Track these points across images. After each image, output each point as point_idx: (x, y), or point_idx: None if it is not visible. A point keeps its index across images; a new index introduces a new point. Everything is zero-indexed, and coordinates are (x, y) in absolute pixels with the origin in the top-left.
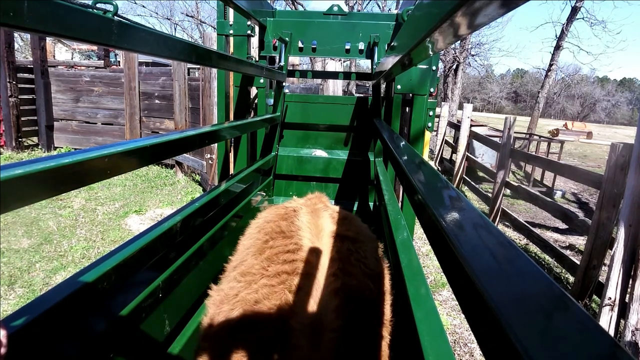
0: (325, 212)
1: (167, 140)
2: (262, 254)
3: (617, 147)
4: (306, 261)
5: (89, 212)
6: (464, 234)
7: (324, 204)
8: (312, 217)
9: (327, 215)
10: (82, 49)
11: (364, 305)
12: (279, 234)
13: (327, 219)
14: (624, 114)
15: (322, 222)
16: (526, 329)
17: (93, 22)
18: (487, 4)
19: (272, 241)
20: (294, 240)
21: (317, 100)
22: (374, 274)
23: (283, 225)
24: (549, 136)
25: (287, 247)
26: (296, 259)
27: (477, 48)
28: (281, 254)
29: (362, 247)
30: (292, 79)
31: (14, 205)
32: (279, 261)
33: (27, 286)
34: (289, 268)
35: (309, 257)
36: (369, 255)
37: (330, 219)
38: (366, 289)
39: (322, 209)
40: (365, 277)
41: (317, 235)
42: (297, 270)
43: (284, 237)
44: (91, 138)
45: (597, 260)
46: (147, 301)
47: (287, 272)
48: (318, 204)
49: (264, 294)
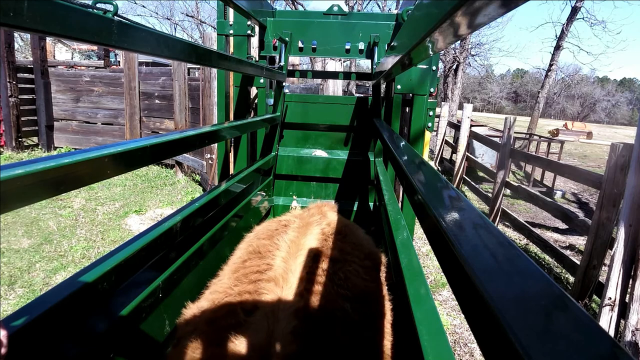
0: (316, 227)
1: (167, 140)
2: (235, 273)
3: (617, 147)
4: (272, 281)
5: (89, 212)
6: (464, 234)
7: (321, 215)
8: (297, 234)
9: (316, 231)
10: (82, 49)
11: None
12: (256, 253)
13: (313, 236)
14: (624, 114)
15: (305, 240)
16: (526, 329)
17: (93, 22)
18: (487, 4)
19: (249, 261)
20: (267, 260)
21: (317, 100)
22: (353, 295)
23: (264, 244)
24: (549, 136)
25: (258, 267)
26: (263, 279)
27: (477, 48)
28: (251, 274)
29: (345, 267)
30: (292, 79)
31: (14, 205)
32: (246, 281)
33: (27, 286)
34: (253, 288)
35: (276, 277)
36: (352, 275)
37: (319, 235)
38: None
39: (314, 223)
40: (339, 299)
41: (293, 255)
42: (260, 291)
43: (259, 257)
44: (91, 138)
45: (597, 260)
46: (147, 301)
47: (249, 292)
48: (314, 216)
49: (221, 315)
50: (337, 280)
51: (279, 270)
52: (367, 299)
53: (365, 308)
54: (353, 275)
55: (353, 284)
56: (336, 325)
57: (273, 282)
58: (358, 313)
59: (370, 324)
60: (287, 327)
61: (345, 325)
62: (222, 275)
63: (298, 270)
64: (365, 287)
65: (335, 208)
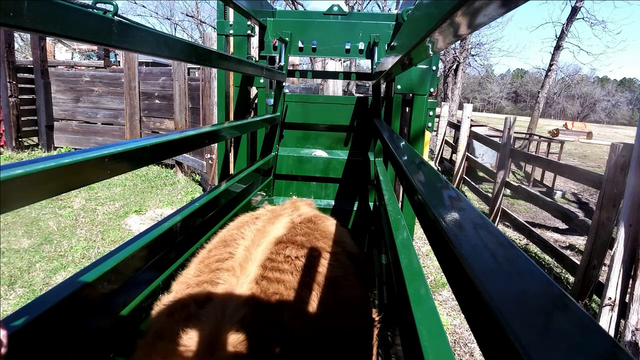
0: (286, 217)
1: (167, 140)
2: (200, 264)
3: (617, 147)
4: (230, 270)
5: (89, 212)
6: (464, 234)
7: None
8: (265, 224)
9: (285, 220)
10: (82, 49)
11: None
12: (222, 242)
13: (281, 225)
14: (624, 114)
15: (271, 228)
16: (526, 329)
17: (93, 22)
18: (487, 4)
19: (214, 250)
20: (229, 249)
21: (317, 100)
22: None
23: (232, 233)
24: (549, 136)
25: (221, 255)
26: (222, 267)
27: (477, 48)
28: (212, 263)
29: (310, 254)
30: (292, 79)
31: (14, 205)
32: (206, 270)
33: (27, 286)
34: (210, 277)
35: (234, 266)
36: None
37: (287, 224)
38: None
39: (285, 215)
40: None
41: (256, 243)
42: (215, 281)
43: (224, 246)
44: (91, 138)
45: (597, 260)
46: (147, 301)
47: (206, 282)
48: (287, 209)
49: (177, 308)
50: (298, 267)
51: (238, 259)
52: (335, 283)
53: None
54: (318, 261)
55: (317, 271)
56: (289, 312)
57: (230, 271)
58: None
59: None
60: (235, 316)
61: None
62: (189, 266)
63: (258, 258)
64: (332, 272)
65: (312, 205)
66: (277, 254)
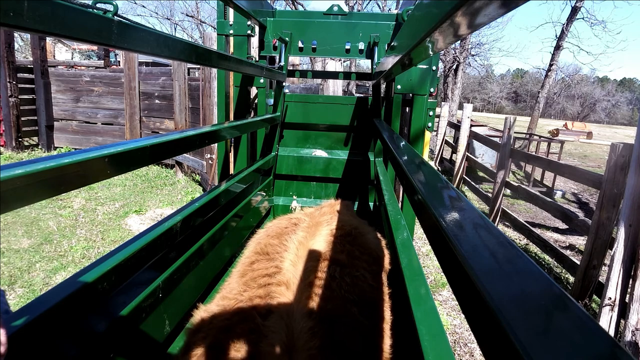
0: (326, 227)
1: (167, 140)
2: (243, 277)
3: (617, 147)
4: (283, 285)
5: (89, 212)
6: (464, 234)
7: (333, 214)
8: (306, 234)
9: (325, 232)
10: (82, 49)
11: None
12: (264, 255)
13: (322, 238)
14: (624, 114)
15: (314, 242)
16: (526, 329)
17: (93, 22)
18: (487, 4)
19: (256, 263)
20: (275, 262)
21: (317, 100)
22: (360, 300)
23: (272, 244)
24: (549, 136)
25: (267, 270)
26: (272, 282)
27: (477, 48)
28: (259, 277)
29: (352, 273)
30: (292, 79)
31: (14, 205)
32: (255, 285)
33: (27, 286)
34: (263, 292)
35: (287, 281)
36: (360, 281)
37: (328, 237)
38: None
39: (324, 223)
40: (346, 303)
41: (301, 258)
42: (271, 295)
43: (267, 259)
44: (91, 138)
45: (597, 260)
46: (147, 301)
47: (260, 297)
48: (326, 215)
49: (236, 321)
50: (344, 286)
51: (288, 274)
52: (373, 304)
53: (370, 313)
54: (360, 280)
55: (360, 290)
56: (347, 327)
57: (284, 285)
58: (365, 317)
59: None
60: (305, 326)
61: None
62: (230, 279)
63: (306, 275)
64: (371, 293)
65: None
66: (323, 271)
